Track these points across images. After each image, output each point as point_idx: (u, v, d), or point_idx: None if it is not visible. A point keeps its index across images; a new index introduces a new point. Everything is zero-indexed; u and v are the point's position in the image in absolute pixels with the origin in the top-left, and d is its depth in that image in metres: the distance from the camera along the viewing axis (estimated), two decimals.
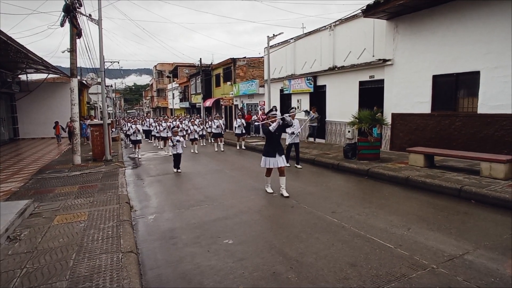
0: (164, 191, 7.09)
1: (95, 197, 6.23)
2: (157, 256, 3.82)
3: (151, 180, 8.34)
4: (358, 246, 3.84)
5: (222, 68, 26.47)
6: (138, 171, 9.66)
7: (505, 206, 4.99)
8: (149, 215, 5.39)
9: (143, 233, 4.60)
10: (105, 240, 4.06)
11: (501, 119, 7.54)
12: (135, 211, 5.65)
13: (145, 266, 3.58)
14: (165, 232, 4.59)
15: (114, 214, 5.08)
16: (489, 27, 7.61)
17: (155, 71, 56.29)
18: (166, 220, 5.12)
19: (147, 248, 4.07)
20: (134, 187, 7.57)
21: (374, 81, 11.02)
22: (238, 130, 13.81)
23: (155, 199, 6.43)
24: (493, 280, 3.00)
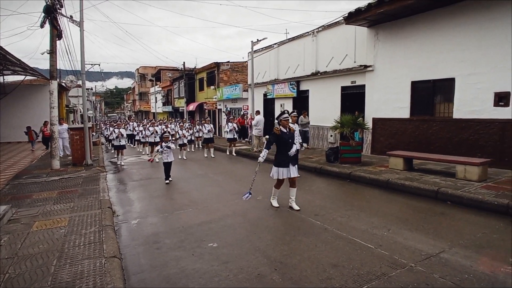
0: (148, 196, 6.99)
1: (75, 202, 6.08)
2: (141, 261, 3.78)
3: (134, 185, 8.21)
4: (340, 247, 3.93)
5: (205, 72, 26.43)
6: (120, 176, 9.48)
7: (479, 207, 5.24)
8: (132, 220, 5.32)
9: (126, 238, 4.53)
10: (87, 245, 3.98)
11: (475, 124, 7.91)
12: (118, 216, 5.56)
13: (129, 271, 3.53)
14: (149, 236, 4.54)
15: (96, 220, 4.98)
16: (463, 36, 8.01)
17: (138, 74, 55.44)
18: (150, 224, 5.07)
19: (131, 253, 4.02)
20: (116, 192, 7.43)
21: (355, 87, 11.31)
22: (230, 134, 13.09)
23: (138, 204, 6.34)
24: (467, 276, 3.16)
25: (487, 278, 3.12)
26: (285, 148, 5.33)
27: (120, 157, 11.82)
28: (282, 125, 5.38)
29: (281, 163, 5.39)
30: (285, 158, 5.33)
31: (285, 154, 5.30)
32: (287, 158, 5.33)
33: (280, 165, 5.38)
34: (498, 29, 7.36)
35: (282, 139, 5.33)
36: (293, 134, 5.53)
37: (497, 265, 3.38)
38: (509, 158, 7.35)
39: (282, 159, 5.37)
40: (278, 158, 5.45)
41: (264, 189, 7.13)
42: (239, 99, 19.72)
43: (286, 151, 5.30)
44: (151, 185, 8.03)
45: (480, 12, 7.64)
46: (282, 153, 5.38)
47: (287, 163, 5.35)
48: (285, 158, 5.33)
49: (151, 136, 13.08)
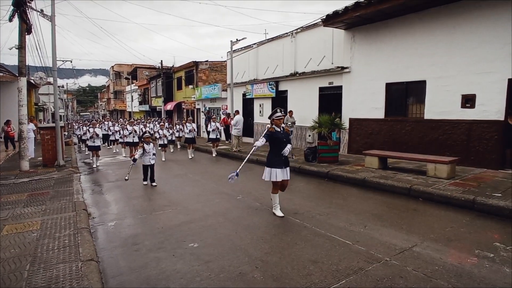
0: (125, 197, 6.83)
1: (47, 205, 5.83)
2: (120, 263, 3.70)
3: (110, 186, 7.98)
4: (319, 244, 4.04)
5: (184, 71, 26.08)
6: (95, 177, 9.19)
7: (447, 203, 5.54)
8: (109, 222, 5.18)
9: (103, 241, 4.41)
10: (62, 249, 3.84)
11: (444, 124, 8.34)
12: (94, 218, 5.39)
13: (107, 274, 3.44)
14: (127, 238, 4.44)
15: (71, 222, 4.81)
16: (433, 41, 8.41)
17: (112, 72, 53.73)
18: (128, 226, 4.96)
19: (108, 255, 3.92)
20: (92, 194, 7.20)
21: (333, 87, 11.58)
22: (213, 134, 12.69)
23: (115, 206, 6.18)
24: (437, 268, 3.34)
25: (455, 269, 3.31)
26: (278, 148, 5.03)
27: (95, 159, 11.05)
28: (275, 124, 5.10)
29: (274, 163, 5.03)
30: (278, 158, 5.02)
31: (279, 154, 5.00)
32: (280, 159, 5.03)
33: (274, 166, 5.03)
34: (464, 35, 7.80)
35: (276, 138, 5.05)
36: (287, 133, 5.29)
37: (464, 256, 3.60)
38: (474, 156, 7.81)
39: (276, 159, 5.04)
40: (271, 159, 5.11)
41: (244, 189, 7.16)
42: (218, 98, 19.62)
43: (280, 151, 5.01)
44: (128, 186, 7.83)
45: (448, 19, 8.06)
46: (275, 153, 5.06)
47: (281, 164, 5.04)
48: (278, 158, 5.02)
49: (129, 136, 12.32)
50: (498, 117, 7.41)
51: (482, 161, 7.71)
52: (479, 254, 3.65)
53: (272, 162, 5.06)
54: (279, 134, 5.06)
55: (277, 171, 4.99)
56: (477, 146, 7.77)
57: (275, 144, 5.07)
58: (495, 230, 4.39)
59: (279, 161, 5.02)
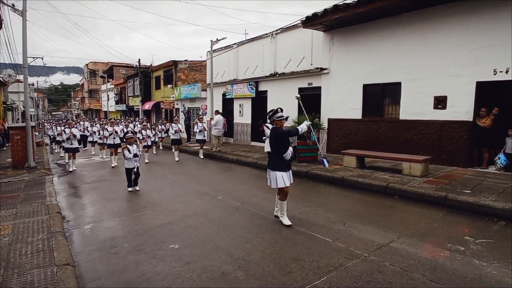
0: (102, 198, 6.62)
1: (18, 208, 5.56)
2: (97, 267, 3.58)
3: (85, 188, 7.71)
4: (300, 242, 4.09)
5: (162, 70, 25.61)
6: (69, 179, 8.84)
7: (421, 199, 5.77)
8: (85, 225, 5.00)
9: (80, 244, 4.26)
10: (36, 254, 3.67)
11: (418, 124, 8.68)
12: (68, 222, 5.20)
13: (84, 279, 3.33)
14: (105, 241, 4.31)
15: (44, 226, 4.61)
16: (407, 44, 8.74)
17: (87, 70, 51.84)
18: (106, 229, 4.81)
19: (85, 259, 3.79)
20: (66, 196, 6.92)
21: (312, 88, 11.76)
22: (200, 135, 12.14)
23: (91, 208, 5.98)
24: (413, 262, 3.48)
25: (429, 263, 3.46)
26: (281, 150, 4.70)
27: (72, 162, 10.09)
28: (276, 124, 4.77)
29: (279, 166, 4.66)
30: (282, 161, 4.68)
31: (281, 157, 4.67)
32: (284, 161, 4.69)
33: (279, 169, 4.65)
34: (436, 39, 8.16)
35: (280, 141, 4.72)
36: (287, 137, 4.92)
37: (437, 250, 3.77)
38: (446, 155, 8.18)
39: (280, 162, 4.69)
40: (275, 162, 4.72)
41: (224, 189, 7.14)
42: (198, 98, 19.41)
43: (282, 153, 4.68)
44: (105, 188, 7.61)
45: (421, 23, 8.40)
46: (279, 156, 4.72)
47: (285, 167, 4.69)
48: (282, 161, 4.68)
49: (109, 137, 11.26)
50: (467, 118, 7.80)
51: (452, 159, 8.09)
52: (451, 248, 3.83)
53: (276, 165, 4.69)
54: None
55: (283, 175, 4.64)
56: (448, 145, 8.15)
57: (278, 147, 4.71)
58: (465, 224, 4.63)
59: (283, 164, 4.69)
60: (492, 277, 3.16)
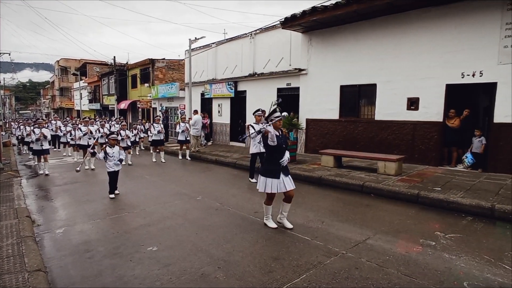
0: (75, 201, 6.36)
1: None
2: (71, 273, 3.44)
3: (57, 190, 7.37)
4: (280, 241, 4.13)
5: (139, 69, 24.99)
6: (39, 181, 8.42)
7: (396, 197, 5.99)
8: (56, 229, 4.79)
9: (51, 249, 4.07)
10: (5, 259, 3.48)
11: (392, 125, 9.00)
12: (39, 226, 4.95)
13: (57, 285, 3.19)
14: (79, 245, 4.15)
15: (13, 230, 4.37)
16: (382, 47, 9.03)
17: (58, 67, 49.56)
18: (79, 232, 4.63)
19: (58, 265, 3.63)
20: (36, 199, 6.60)
21: (291, 88, 11.89)
22: (182, 136, 11.59)
23: (63, 211, 5.73)
24: (388, 258, 3.61)
25: (403, 258, 3.60)
26: (276, 154, 4.32)
27: (44, 165, 9.15)
28: (274, 126, 4.30)
29: (270, 172, 4.34)
30: (275, 167, 4.33)
31: (276, 163, 4.31)
32: (278, 167, 4.33)
33: (269, 175, 4.33)
34: (410, 43, 8.49)
35: (275, 144, 4.27)
36: (286, 137, 4.61)
37: (411, 246, 3.92)
38: (418, 154, 8.53)
39: (272, 168, 4.34)
40: (266, 167, 4.42)
41: (203, 189, 7.07)
42: (176, 98, 19.10)
43: (278, 158, 4.31)
44: (78, 190, 7.32)
45: (396, 27, 8.71)
46: (272, 161, 4.35)
47: (278, 173, 4.33)
48: (275, 167, 4.33)
49: (84, 137, 10.35)
50: (438, 118, 8.17)
51: (424, 158, 8.45)
52: (423, 243, 4.00)
53: (267, 171, 4.37)
54: (278, 139, 4.28)
55: (272, 182, 4.30)
56: (420, 145, 8.50)
57: (273, 151, 4.33)
58: (436, 220, 4.85)
59: (276, 170, 4.33)
60: (461, 270, 3.33)
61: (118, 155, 6.48)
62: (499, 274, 3.23)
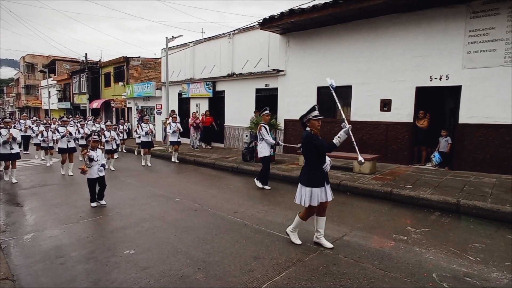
0: (44, 205, 6.06)
1: None
2: (41, 280, 3.28)
3: (23, 194, 7.00)
4: (259, 240, 4.16)
5: (113, 67, 24.20)
6: (3, 185, 7.93)
7: (370, 195, 6.20)
8: (24, 235, 4.54)
9: (19, 256, 3.86)
10: None
11: (367, 125, 9.29)
12: (4, 232, 4.68)
13: None
14: (49, 251, 3.96)
15: None
16: (357, 50, 9.31)
17: (24, 64, 46.93)
18: (49, 238, 4.42)
19: (27, 272, 3.45)
20: (0, 204, 6.21)
21: (269, 89, 11.98)
22: (173, 137, 10.97)
23: (32, 216, 5.45)
24: (363, 253, 3.74)
25: (378, 253, 3.74)
26: (319, 160, 3.82)
27: (11, 172, 8.15)
28: (313, 127, 3.85)
29: (314, 181, 3.78)
30: (320, 173, 3.84)
31: (320, 169, 3.85)
32: (322, 174, 3.86)
33: (314, 184, 3.78)
34: (382, 47, 8.82)
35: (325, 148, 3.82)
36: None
37: (385, 241, 4.09)
38: (391, 154, 8.87)
39: (317, 175, 3.81)
40: (310, 175, 3.83)
41: (182, 190, 6.98)
42: (152, 97, 18.68)
43: (321, 164, 3.84)
44: (48, 193, 6.98)
45: (369, 31, 9.02)
46: (314, 167, 3.85)
47: (322, 180, 3.84)
48: (320, 173, 3.84)
49: (62, 140, 9.05)
50: (409, 119, 8.55)
51: (396, 157, 8.80)
52: (396, 238, 4.18)
53: (312, 179, 3.79)
54: (321, 141, 3.84)
55: (319, 192, 3.79)
56: (393, 144, 8.85)
57: (315, 155, 3.83)
58: (407, 216, 5.08)
59: (321, 177, 3.82)
60: (430, 262, 3.51)
61: (101, 160, 5.85)
62: (464, 265, 3.44)
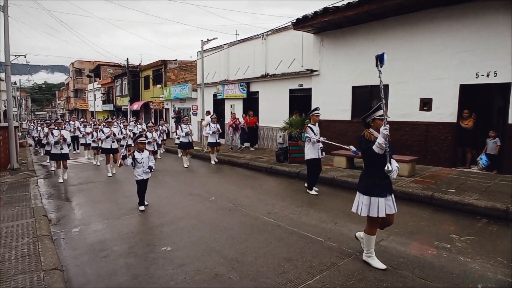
0: (89, 201, 6.49)
1: (1, 211, 5.40)
2: (86, 271, 3.52)
3: (72, 190, 7.54)
4: (293, 242, 4.12)
5: (151, 70, 25.32)
6: (54, 181, 8.61)
7: (409, 199, 5.90)
8: (72, 228, 4.90)
9: (67, 248, 4.17)
10: (20, 259, 3.58)
11: (405, 126, 8.86)
12: (55, 225, 5.08)
13: (73, 284, 3.27)
14: (94, 244, 4.24)
15: (29, 230, 4.49)
16: (393, 48, 8.90)
17: (73, 69, 50.73)
18: (94, 232, 4.73)
19: (74, 263, 3.71)
20: (52, 199, 6.77)
21: (302, 89, 11.86)
22: (212, 138, 10.75)
23: (79, 210, 5.86)
24: (402, 260, 3.56)
25: (418, 260, 3.55)
26: (380, 165, 3.30)
27: (62, 171, 8.38)
28: (376, 127, 3.53)
29: (375, 189, 3.35)
30: (382, 181, 3.36)
31: (381, 176, 3.34)
32: (384, 181, 3.36)
33: (375, 193, 3.35)
34: (421, 43, 8.36)
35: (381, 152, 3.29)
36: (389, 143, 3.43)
37: (425, 248, 3.86)
38: (431, 155, 8.38)
39: (378, 182, 3.35)
40: (369, 182, 3.42)
41: (216, 190, 7.11)
42: (188, 99, 19.28)
43: (381, 170, 3.29)
44: (93, 190, 7.47)
45: (407, 27, 8.59)
46: (375, 173, 3.37)
47: (385, 189, 3.37)
48: (382, 181, 3.36)
49: (106, 140, 9.25)
50: (452, 119, 8.01)
51: (437, 159, 8.29)
52: (438, 245, 3.93)
53: (372, 187, 3.37)
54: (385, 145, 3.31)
55: (379, 201, 3.33)
56: (433, 146, 8.35)
57: (377, 160, 3.34)
58: (451, 222, 4.76)
59: (384, 185, 3.35)
60: (476, 273, 3.27)
61: (147, 162, 5.79)
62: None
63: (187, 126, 10.49)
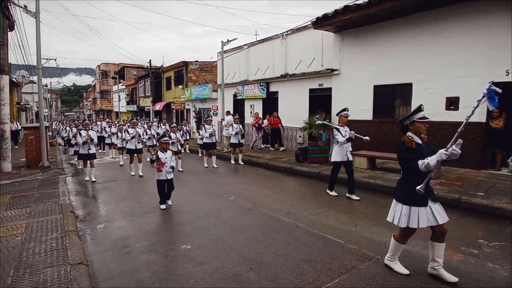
0: (113, 198, 6.72)
1: (32, 207, 5.68)
2: (110, 267, 3.63)
3: (97, 187, 7.83)
4: (312, 243, 4.08)
5: (173, 71, 25.86)
6: (81, 179, 8.97)
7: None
8: (98, 225, 5.08)
9: (93, 244, 4.33)
10: (49, 253, 3.75)
11: (429, 126, 8.46)
12: (82, 221, 5.29)
13: (97, 278, 3.38)
14: (117, 241, 4.37)
15: (58, 225, 4.70)
16: (417, 45, 8.62)
17: (99, 71, 52.73)
18: (118, 228, 4.88)
19: (98, 259, 3.85)
20: (79, 196, 7.05)
21: (323, 89, 11.70)
22: (234, 138, 10.56)
23: (104, 208, 6.07)
24: (426, 265, 3.41)
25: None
26: (422, 174, 3.01)
27: (90, 170, 8.44)
28: (416, 131, 3.28)
29: (415, 197, 3.05)
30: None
31: (420, 182, 2.97)
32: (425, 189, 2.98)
33: (414, 202, 3.08)
34: (446, 40, 8.03)
35: (419, 155, 3.09)
36: (432, 147, 3.30)
37: (451, 253, 3.70)
38: (458, 157, 8.01)
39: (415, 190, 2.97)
40: (408, 190, 3.11)
41: (236, 190, 7.16)
42: (208, 99, 19.53)
43: (424, 176, 2.99)
44: (117, 188, 7.71)
45: (431, 24, 8.28)
46: (415, 180, 3.01)
47: (426, 198, 3.07)
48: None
49: (131, 140, 9.34)
50: (480, 119, 7.64)
51: (465, 161, 7.91)
52: (465, 251, 3.77)
53: (411, 195, 3.08)
54: (421, 149, 3.16)
55: (420, 212, 3.05)
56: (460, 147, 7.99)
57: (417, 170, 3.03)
58: (479, 227, 4.54)
59: (423, 194, 2.98)
60: (504, 280, 3.11)
61: (170, 161, 5.79)
62: None
63: (211, 127, 10.36)
